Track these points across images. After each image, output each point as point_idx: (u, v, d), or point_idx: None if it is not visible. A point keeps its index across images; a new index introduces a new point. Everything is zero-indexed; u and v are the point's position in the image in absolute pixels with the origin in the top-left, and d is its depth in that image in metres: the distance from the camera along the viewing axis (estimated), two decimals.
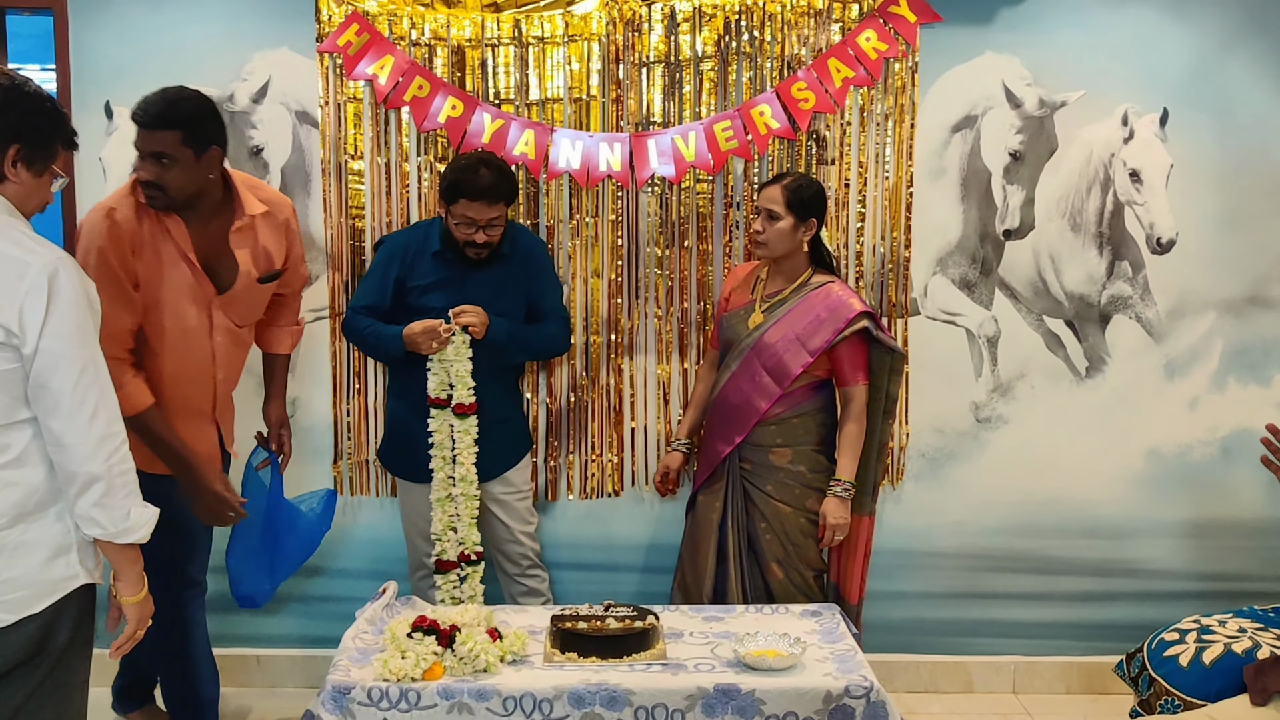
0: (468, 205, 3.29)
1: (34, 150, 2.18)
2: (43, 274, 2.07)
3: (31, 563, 2.15)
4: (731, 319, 3.48)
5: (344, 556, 3.92)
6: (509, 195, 3.36)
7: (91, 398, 2.12)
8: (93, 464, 2.12)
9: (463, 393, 3.39)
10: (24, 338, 2.07)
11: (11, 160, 2.16)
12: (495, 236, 3.38)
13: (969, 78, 3.78)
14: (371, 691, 2.61)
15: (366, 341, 3.50)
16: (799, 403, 3.39)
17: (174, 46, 3.70)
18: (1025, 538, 3.96)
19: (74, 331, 2.10)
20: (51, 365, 2.09)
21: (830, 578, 3.55)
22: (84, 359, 2.12)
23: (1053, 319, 3.89)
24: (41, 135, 2.19)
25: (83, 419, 2.11)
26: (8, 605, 2.13)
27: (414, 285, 3.46)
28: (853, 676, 2.69)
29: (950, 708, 3.89)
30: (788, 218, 3.33)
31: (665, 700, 2.63)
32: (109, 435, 2.15)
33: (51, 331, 2.08)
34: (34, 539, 2.16)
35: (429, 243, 3.47)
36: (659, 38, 3.73)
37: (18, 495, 2.14)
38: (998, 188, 3.82)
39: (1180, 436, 3.94)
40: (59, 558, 2.19)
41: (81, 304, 2.13)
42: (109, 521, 2.17)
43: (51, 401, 2.10)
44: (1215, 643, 2.87)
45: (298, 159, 3.77)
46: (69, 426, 2.11)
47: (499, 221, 3.36)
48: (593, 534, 3.93)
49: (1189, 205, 3.83)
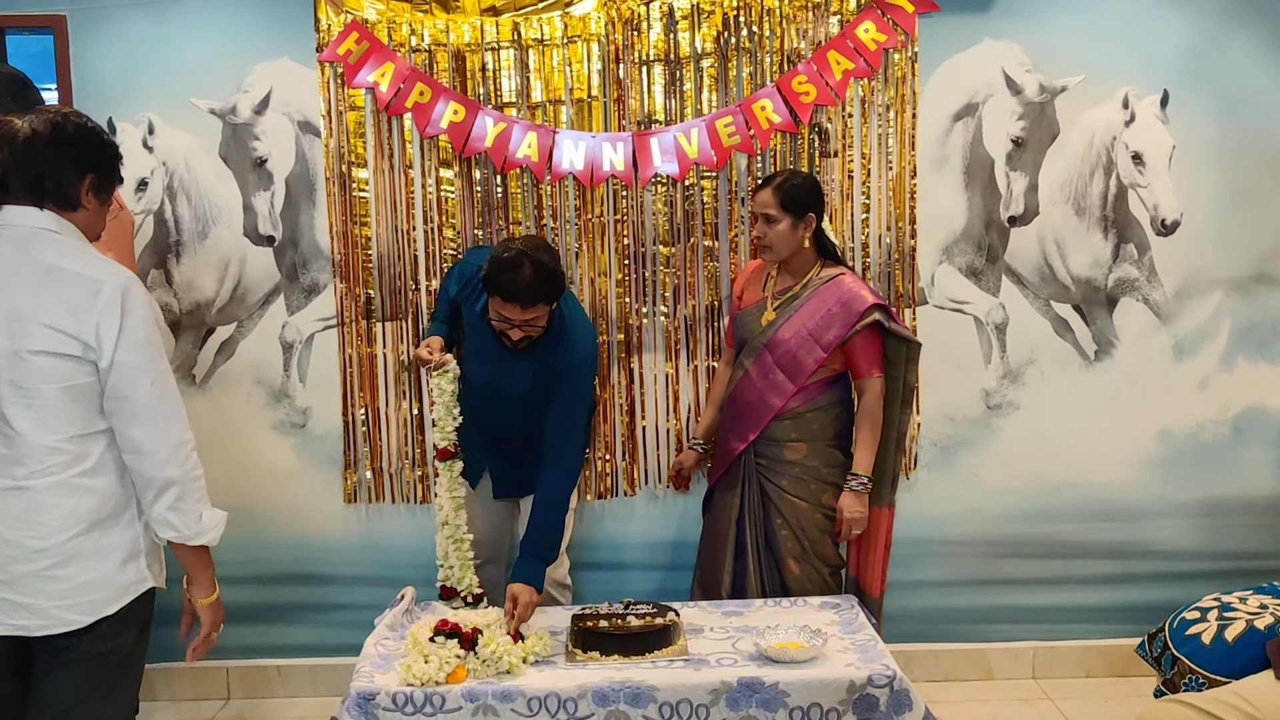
0: (503, 305, 3.03)
1: (104, 180, 2.34)
2: (116, 292, 2.21)
3: (108, 566, 2.29)
4: (744, 317, 3.48)
5: (359, 564, 3.93)
6: (550, 296, 3.05)
7: (166, 407, 2.27)
8: (169, 469, 2.27)
9: (439, 436, 3.25)
10: (100, 352, 2.21)
11: (87, 189, 2.30)
12: (535, 332, 3.11)
13: (968, 66, 3.78)
14: (396, 697, 2.62)
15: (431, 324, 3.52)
16: (814, 398, 3.39)
17: (175, 60, 3.71)
18: (1040, 523, 3.96)
19: (145, 345, 2.24)
20: (129, 378, 2.23)
21: (849, 572, 3.55)
22: (155, 371, 2.26)
23: (1060, 304, 3.89)
24: (109, 166, 2.35)
25: (159, 427, 2.26)
26: (85, 607, 2.27)
27: (465, 314, 3.36)
28: (875, 666, 2.70)
29: (971, 695, 3.89)
30: (785, 218, 3.33)
31: (689, 695, 2.64)
32: (182, 443, 2.30)
33: (126, 345, 2.22)
34: (110, 544, 2.29)
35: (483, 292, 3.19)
36: (658, 36, 3.73)
37: (95, 501, 2.27)
38: (1001, 175, 3.82)
39: (1191, 416, 3.94)
40: (131, 562, 2.33)
41: (150, 320, 2.27)
42: (183, 524, 2.31)
43: (130, 411, 2.24)
44: (1237, 620, 2.87)
45: (302, 169, 3.77)
46: (148, 434, 2.25)
47: (539, 320, 3.08)
48: (608, 534, 3.94)
49: (1192, 186, 3.84)
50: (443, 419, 3.24)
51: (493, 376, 3.29)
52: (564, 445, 3.21)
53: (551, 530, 3.19)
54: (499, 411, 3.33)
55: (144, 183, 3.75)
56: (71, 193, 2.28)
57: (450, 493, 3.25)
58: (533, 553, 3.12)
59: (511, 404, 3.30)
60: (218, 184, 3.78)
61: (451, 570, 3.25)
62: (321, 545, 3.93)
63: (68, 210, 2.28)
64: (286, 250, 3.81)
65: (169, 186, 3.77)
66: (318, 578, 3.94)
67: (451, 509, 3.24)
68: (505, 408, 3.32)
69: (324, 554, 3.92)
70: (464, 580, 3.25)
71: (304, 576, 3.94)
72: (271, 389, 3.86)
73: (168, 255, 3.80)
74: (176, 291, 3.81)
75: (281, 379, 3.86)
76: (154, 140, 3.74)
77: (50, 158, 2.24)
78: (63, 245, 2.25)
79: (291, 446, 3.88)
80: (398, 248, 3.77)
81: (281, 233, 3.80)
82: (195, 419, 3.75)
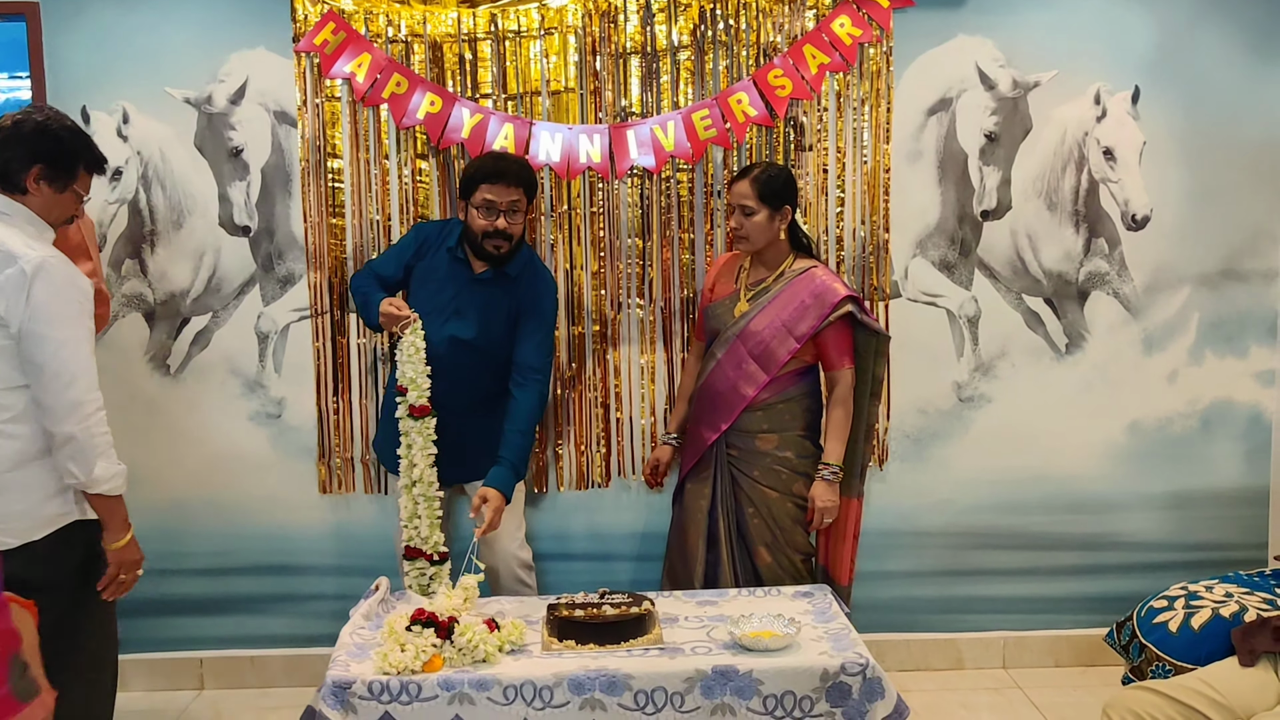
0: (489, 189, 3.29)
1: (53, 170, 2.67)
2: (28, 266, 2.52)
3: (32, 500, 2.60)
4: (717, 308, 3.50)
5: (332, 554, 3.92)
6: (528, 183, 3.35)
7: (67, 372, 2.54)
8: (66, 425, 2.55)
9: (415, 394, 3.32)
10: (9, 320, 2.53)
11: (34, 177, 2.65)
12: (516, 227, 3.34)
13: (943, 60, 3.81)
14: (372, 685, 2.62)
15: (358, 299, 3.49)
16: (785, 388, 3.42)
17: (149, 49, 3.69)
18: (1011, 514, 4.01)
19: (51, 316, 2.53)
20: (33, 344, 2.53)
21: (819, 560, 3.57)
22: (59, 339, 2.54)
23: (1032, 297, 3.93)
24: (62, 158, 2.68)
25: (58, 388, 2.54)
26: (13, 531, 2.58)
27: (421, 275, 3.45)
28: (848, 654, 2.72)
29: (942, 684, 3.93)
30: (762, 210, 3.35)
31: (664, 684, 2.65)
32: (81, 403, 2.56)
33: (31, 316, 2.52)
34: (32, 481, 2.60)
35: (448, 238, 3.46)
36: (635, 28, 3.74)
37: (19, 445, 2.59)
38: (974, 169, 3.86)
39: (1160, 409, 3.99)
40: (55, 497, 2.63)
41: (61, 294, 2.56)
42: (80, 472, 2.59)
43: (35, 373, 2.55)
44: (1203, 608, 2.92)
45: (277, 159, 3.76)
46: (47, 393, 2.55)
47: (519, 208, 3.33)
48: (584, 525, 3.95)
49: (1162, 181, 3.88)
50: (417, 375, 3.31)
51: (456, 330, 3.37)
52: (534, 370, 3.42)
53: (524, 446, 3.39)
54: (455, 372, 3.37)
55: (118, 172, 3.73)
56: (17, 179, 2.65)
57: (424, 450, 3.33)
58: (508, 461, 3.33)
59: (470, 360, 3.38)
60: (193, 174, 3.76)
61: (417, 530, 3.34)
62: (296, 535, 3.92)
63: (17, 194, 2.65)
64: (262, 240, 3.81)
65: (143, 176, 3.75)
66: (292, 568, 3.93)
67: (425, 465, 3.33)
68: (463, 366, 3.38)
69: (298, 544, 3.92)
70: (430, 540, 3.35)
71: (278, 567, 3.93)
72: (246, 379, 3.85)
73: (142, 245, 3.78)
74: (151, 281, 3.80)
75: (256, 369, 3.85)
76: (128, 129, 3.72)
77: (4, 148, 2.64)
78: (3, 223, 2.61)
79: (266, 437, 3.88)
80: (373, 239, 3.77)
81: (257, 223, 3.79)
82: (169, 409, 3.81)
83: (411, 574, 3.41)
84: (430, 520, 3.36)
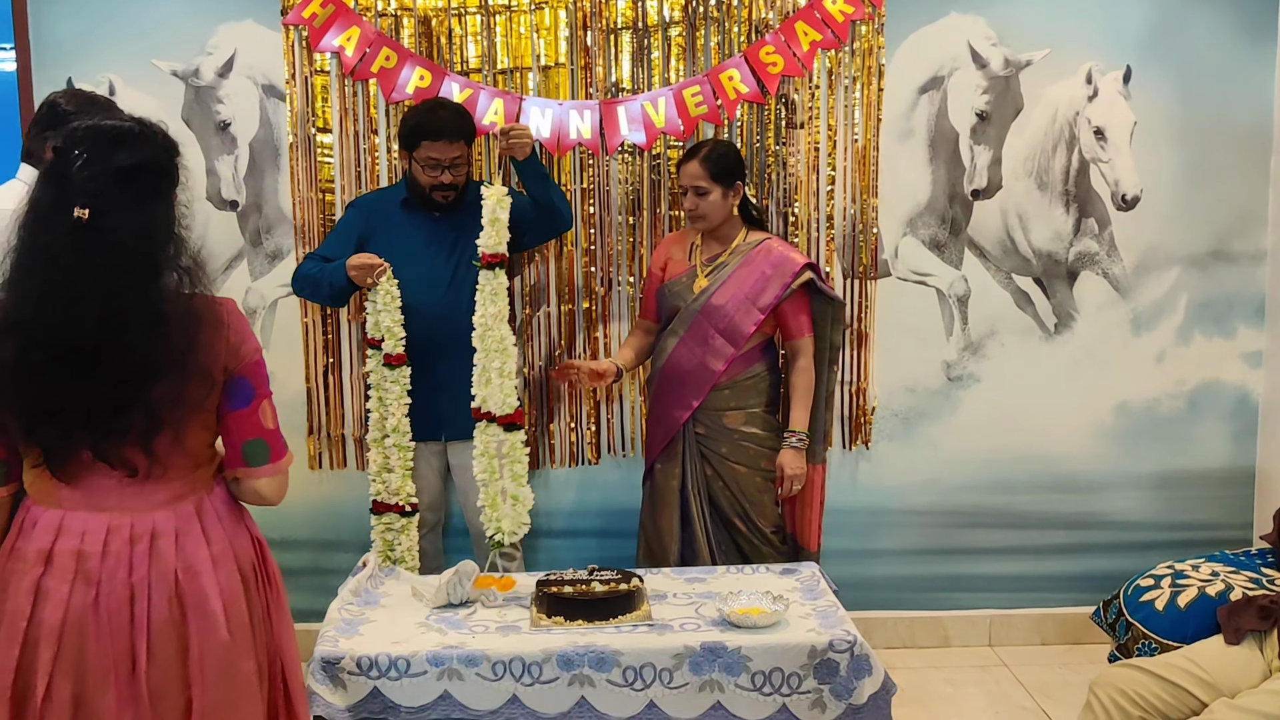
0: (430, 146, 3.31)
1: None
2: None
3: None
4: (674, 286, 3.50)
5: (322, 530, 3.91)
6: (468, 134, 3.38)
7: None
8: None
9: (391, 343, 3.35)
10: None
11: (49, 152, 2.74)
12: (461, 177, 3.39)
13: (935, 39, 3.80)
14: (361, 661, 2.62)
15: (312, 278, 3.43)
16: (751, 364, 3.44)
17: (136, 20, 3.66)
18: (998, 493, 4.02)
19: None
20: None
21: (787, 529, 3.59)
22: None
23: (1021, 277, 3.94)
24: None
25: None
26: None
27: (380, 238, 3.43)
28: (836, 631, 2.73)
29: (929, 662, 3.95)
30: (715, 189, 3.36)
31: (653, 660, 2.66)
32: None
33: None
34: None
35: (397, 196, 3.48)
36: (626, 4, 3.72)
37: None
38: (965, 148, 3.85)
39: (1148, 390, 4.00)
40: None
41: None
42: None
43: None
44: (1189, 587, 2.94)
45: (266, 133, 3.74)
46: None
47: (462, 160, 3.37)
48: (571, 501, 3.96)
49: (1153, 162, 3.88)
50: (394, 324, 3.34)
51: (427, 270, 3.39)
52: None
53: None
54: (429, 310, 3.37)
55: None
56: (39, 152, 2.77)
57: (400, 400, 3.37)
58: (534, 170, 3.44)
59: (444, 299, 3.38)
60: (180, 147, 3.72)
61: (386, 483, 3.41)
62: (284, 511, 3.85)
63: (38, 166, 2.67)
64: (250, 215, 3.78)
65: None
66: (280, 544, 3.89)
67: (401, 415, 3.38)
68: (436, 304, 3.38)
69: (287, 520, 3.89)
70: (402, 490, 3.42)
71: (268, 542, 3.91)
72: None
73: None
74: None
75: None
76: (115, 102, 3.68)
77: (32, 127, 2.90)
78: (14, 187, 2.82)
79: None
80: None
81: (245, 198, 3.77)
82: None
83: (379, 528, 3.42)
84: (403, 470, 3.42)
